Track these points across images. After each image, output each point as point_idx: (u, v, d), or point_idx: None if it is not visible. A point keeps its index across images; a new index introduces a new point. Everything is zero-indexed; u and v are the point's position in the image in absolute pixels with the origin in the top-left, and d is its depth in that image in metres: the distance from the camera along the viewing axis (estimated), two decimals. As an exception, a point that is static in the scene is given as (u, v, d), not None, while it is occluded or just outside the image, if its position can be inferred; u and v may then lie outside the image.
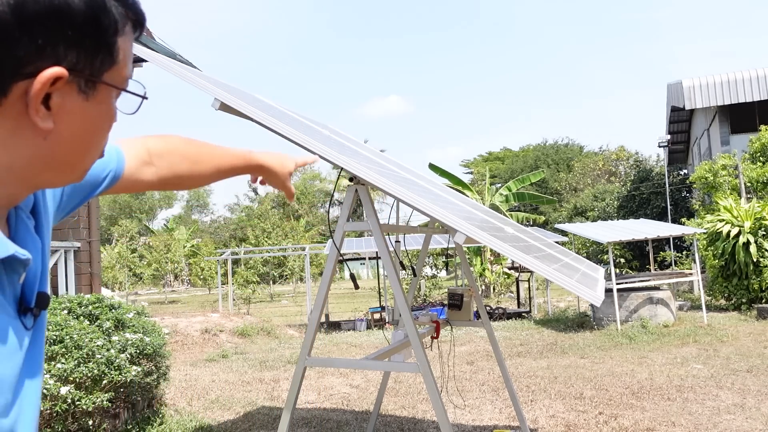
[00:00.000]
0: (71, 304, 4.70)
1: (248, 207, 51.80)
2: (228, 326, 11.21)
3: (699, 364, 7.07)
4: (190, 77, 2.33)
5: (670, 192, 24.81)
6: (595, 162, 40.09)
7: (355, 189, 2.84)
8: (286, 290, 31.68)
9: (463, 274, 8.96)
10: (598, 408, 5.40)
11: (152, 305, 21.14)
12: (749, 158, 15.83)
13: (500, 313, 13.03)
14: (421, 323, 4.06)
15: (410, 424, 5.16)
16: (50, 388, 3.85)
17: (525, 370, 7.17)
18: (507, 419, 5.21)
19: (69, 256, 6.52)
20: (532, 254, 2.41)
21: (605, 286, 5.73)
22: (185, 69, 2.45)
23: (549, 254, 3.00)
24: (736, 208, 11.89)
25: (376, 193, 35.63)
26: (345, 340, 10.57)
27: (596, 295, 2.18)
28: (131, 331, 4.78)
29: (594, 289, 2.37)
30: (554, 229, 19.01)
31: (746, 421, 4.83)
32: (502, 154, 55.30)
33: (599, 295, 2.37)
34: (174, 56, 6.81)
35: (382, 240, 2.76)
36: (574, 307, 13.61)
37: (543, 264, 2.25)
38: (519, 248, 2.35)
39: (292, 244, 29.55)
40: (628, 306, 10.20)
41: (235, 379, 7.39)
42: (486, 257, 16.71)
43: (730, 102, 19.02)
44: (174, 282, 40.20)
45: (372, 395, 6.17)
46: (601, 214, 27.65)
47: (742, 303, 11.37)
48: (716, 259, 11.89)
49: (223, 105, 2.29)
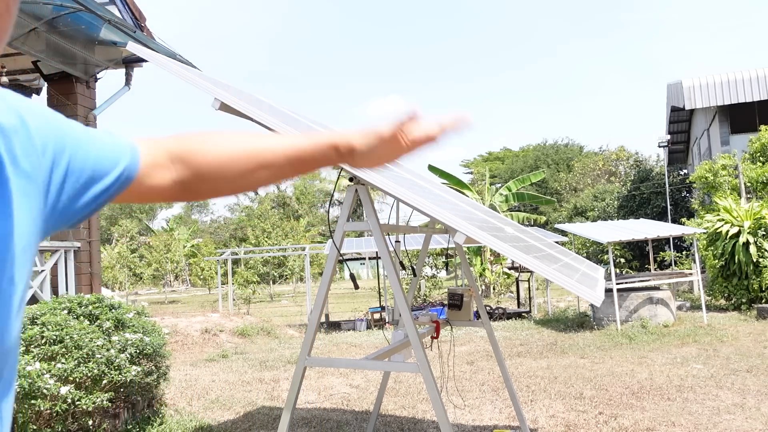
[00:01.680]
0: (71, 304, 4.70)
1: (248, 207, 51.80)
2: (228, 326, 11.21)
3: (699, 364, 7.07)
4: (189, 77, 2.33)
5: (670, 192, 24.81)
6: (595, 162, 40.09)
7: (355, 189, 2.84)
8: (286, 290, 31.68)
9: (463, 274, 8.96)
10: (598, 408, 5.40)
11: (152, 305, 21.14)
12: (749, 158, 15.83)
13: (500, 313, 13.03)
14: (421, 323, 4.06)
15: (410, 424, 5.16)
16: (50, 388, 3.85)
17: (525, 370, 7.17)
18: (507, 419, 5.22)
19: (69, 256, 6.52)
20: (532, 254, 2.41)
21: (605, 286, 5.73)
22: (185, 69, 2.46)
23: (549, 254, 3.00)
24: (736, 208, 11.89)
25: (376, 193, 35.63)
26: (345, 340, 10.57)
27: (596, 295, 2.18)
28: (131, 331, 4.78)
29: (594, 289, 2.37)
30: (554, 229, 19.00)
31: (746, 421, 4.83)
32: (502, 154, 55.30)
33: (599, 295, 2.37)
34: (174, 56, 6.81)
35: (382, 240, 2.77)
36: (574, 307, 13.61)
37: (543, 264, 2.26)
38: (519, 248, 2.36)
39: (292, 244, 29.55)
40: (628, 306, 10.20)
41: (235, 379, 7.39)
42: (486, 257, 16.71)
43: (730, 102, 19.01)
44: (174, 282, 40.21)
45: (372, 395, 6.17)
46: (601, 214, 27.66)
47: (742, 303, 11.37)
48: (716, 259, 11.89)
49: (223, 105, 2.29)
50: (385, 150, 0.93)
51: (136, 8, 7.09)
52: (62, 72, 6.78)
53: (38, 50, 6.26)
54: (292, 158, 0.89)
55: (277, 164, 0.89)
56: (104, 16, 5.88)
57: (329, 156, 0.92)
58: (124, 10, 6.96)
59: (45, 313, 4.39)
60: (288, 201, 51.04)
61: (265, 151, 0.88)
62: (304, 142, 0.90)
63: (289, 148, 0.89)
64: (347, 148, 0.91)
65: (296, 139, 0.91)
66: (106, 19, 5.93)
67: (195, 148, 0.87)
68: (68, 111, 6.91)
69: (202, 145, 0.87)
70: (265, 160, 0.88)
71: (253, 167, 0.88)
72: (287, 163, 0.89)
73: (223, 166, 0.87)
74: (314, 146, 0.90)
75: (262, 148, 0.89)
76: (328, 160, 0.92)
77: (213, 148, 0.87)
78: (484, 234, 2.17)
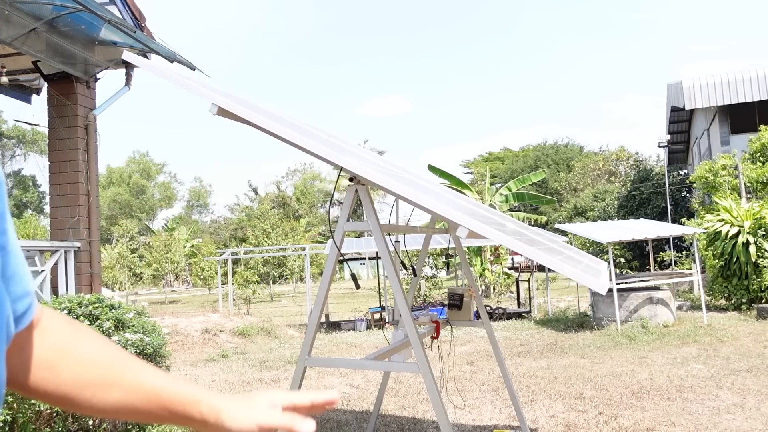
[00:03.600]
0: (71, 304, 4.70)
1: (248, 207, 51.80)
2: (228, 326, 11.21)
3: (699, 364, 7.07)
4: (184, 82, 2.33)
5: (670, 192, 24.81)
6: (595, 162, 40.11)
7: (355, 189, 2.84)
8: (286, 290, 31.69)
9: (463, 274, 8.96)
10: (598, 408, 5.40)
11: (152, 305, 21.15)
12: (749, 158, 15.83)
13: (500, 313, 13.04)
14: (421, 323, 4.06)
15: (410, 424, 5.16)
16: (50, 388, 3.85)
17: (525, 370, 7.17)
18: (507, 419, 5.22)
19: (69, 256, 6.52)
20: (536, 247, 2.41)
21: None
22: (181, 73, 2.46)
23: (552, 248, 3.00)
24: (735, 209, 11.89)
25: (376, 193, 35.65)
26: (345, 340, 10.57)
27: (601, 284, 2.17)
28: (131, 331, 4.78)
29: (598, 278, 2.37)
30: (554, 229, 19.00)
31: (746, 421, 4.83)
32: (502, 154, 55.33)
33: (603, 283, 2.36)
34: (174, 57, 6.81)
35: (382, 240, 2.77)
36: (574, 307, 13.61)
37: (547, 255, 2.25)
38: (522, 241, 2.35)
39: (292, 244, 29.55)
40: (628, 306, 10.20)
41: (235, 379, 7.39)
42: (486, 257, 16.71)
43: (730, 102, 19.01)
44: (174, 282, 40.21)
45: (372, 395, 6.17)
46: (601, 214, 27.67)
47: (742, 303, 11.37)
48: (716, 259, 11.89)
49: (221, 110, 2.29)
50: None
51: (136, 8, 7.09)
52: (62, 72, 6.78)
53: (38, 50, 6.26)
54: (150, 394, 0.78)
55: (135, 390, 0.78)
56: (104, 16, 5.88)
57: (190, 413, 0.78)
58: (124, 10, 6.96)
59: (45, 313, 4.39)
60: (288, 201, 51.07)
61: (127, 375, 0.78)
62: (170, 385, 0.80)
63: (152, 383, 0.79)
64: (210, 414, 0.78)
65: (164, 379, 0.80)
66: (106, 19, 5.93)
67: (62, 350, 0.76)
68: (68, 111, 6.91)
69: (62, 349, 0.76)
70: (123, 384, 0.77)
71: (109, 383, 0.77)
72: (143, 396, 0.78)
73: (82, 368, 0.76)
74: (179, 393, 0.79)
75: (125, 370, 0.79)
76: (189, 416, 0.79)
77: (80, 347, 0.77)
78: (487, 227, 2.15)
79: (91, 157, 6.97)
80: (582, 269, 2.46)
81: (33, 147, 46.45)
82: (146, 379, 0.79)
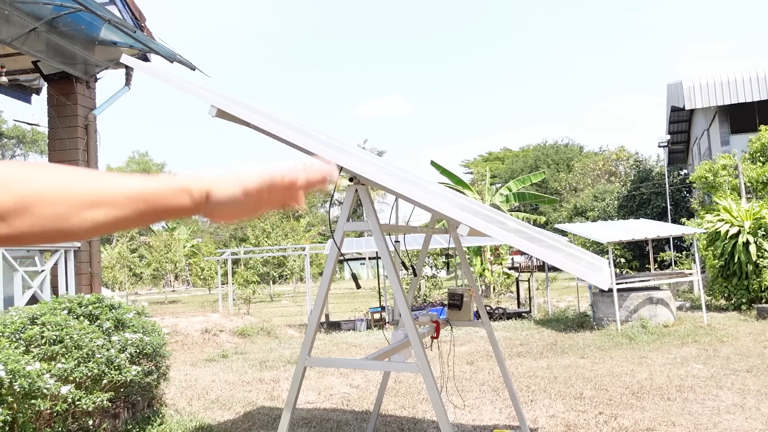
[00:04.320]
0: (71, 304, 4.70)
1: (248, 207, 51.68)
2: (228, 326, 11.21)
3: (699, 364, 7.07)
4: (186, 86, 2.34)
5: (670, 192, 24.80)
6: (595, 162, 40.11)
7: (355, 189, 2.84)
8: (286, 290, 31.69)
9: (463, 274, 8.95)
10: (598, 408, 5.40)
11: (152, 305, 21.14)
12: (749, 158, 15.83)
13: (500, 313, 13.04)
14: (421, 323, 4.06)
15: (410, 424, 5.16)
16: (50, 387, 3.85)
17: (525, 370, 7.17)
18: (507, 419, 5.21)
19: (69, 256, 6.51)
20: (537, 244, 2.40)
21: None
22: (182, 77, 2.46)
23: (553, 245, 2.99)
24: (735, 209, 11.89)
25: (376, 193, 35.63)
26: (345, 340, 10.57)
27: (603, 279, 2.16)
28: (131, 331, 4.78)
29: (599, 274, 2.36)
30: (554, 229, 18.99)
31: (746, 421, 4.83)
32: (502, 154, 55.33)
33: (605, 278, 2.36)
34: (174, 56, 6.80)
35: (382, 240, 2.77)
36: (574, 307, 13.61)
37: (548, 251, 2.24)
38: (524, 238, 2.34)
39: (292, 244, 29.55)
40: (628, 306, 10.20)
41: (235, 379, 7.39)
42: (486, 257, 16.71)
43: (730, 102, 19.01)
44: (174, 282, 40.21)
45: (372, 395, 6.16)
46: (601, 214, 27.67)
47: (742, 303, 11.37)
48: (716, 259, 11.89)
49: (220, 111, 2.29)
50: (250, 201, 0.82)
51: (136, 8, 7.09)
52: (62, 72, 6.78)
53: (38, 50, 6.26)
54: (135, 198, 0.76)
55: (117, 203, 0.75)
56: (104, 16, 5.88)
57: (182, 202, 0.79)
58: (124, 10, 6.96)
59: (45, 313, 4.39)
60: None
61: (104, 188, 0.75)
62: (151, 182, 0.78)
63: (133, 186, 0.77)
64: (202, 194, 0.79)
65: (143, 179, 0.78)
66: (106, 19, 5.93)
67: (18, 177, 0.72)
68: (68, 111, 6.91)
69: (27, 178, 0.72)
70: (104, 197, 0.74)
71: (89, 202, 0.73)
72: (130, 202, 0.76)
73: (52, 197, 0.72)
74: (163, 187, 0.78)
75: (100, 184, 0.75)
76: (180, 206, 0.79)
77: (41, 179, 0.73)
78: (488, 225, 2.14)
79: (91, 157, 6.97)
80: (584, 265, 2.45)
81: (33, 147, 46.43)
82: (128, 188, 0.76)
